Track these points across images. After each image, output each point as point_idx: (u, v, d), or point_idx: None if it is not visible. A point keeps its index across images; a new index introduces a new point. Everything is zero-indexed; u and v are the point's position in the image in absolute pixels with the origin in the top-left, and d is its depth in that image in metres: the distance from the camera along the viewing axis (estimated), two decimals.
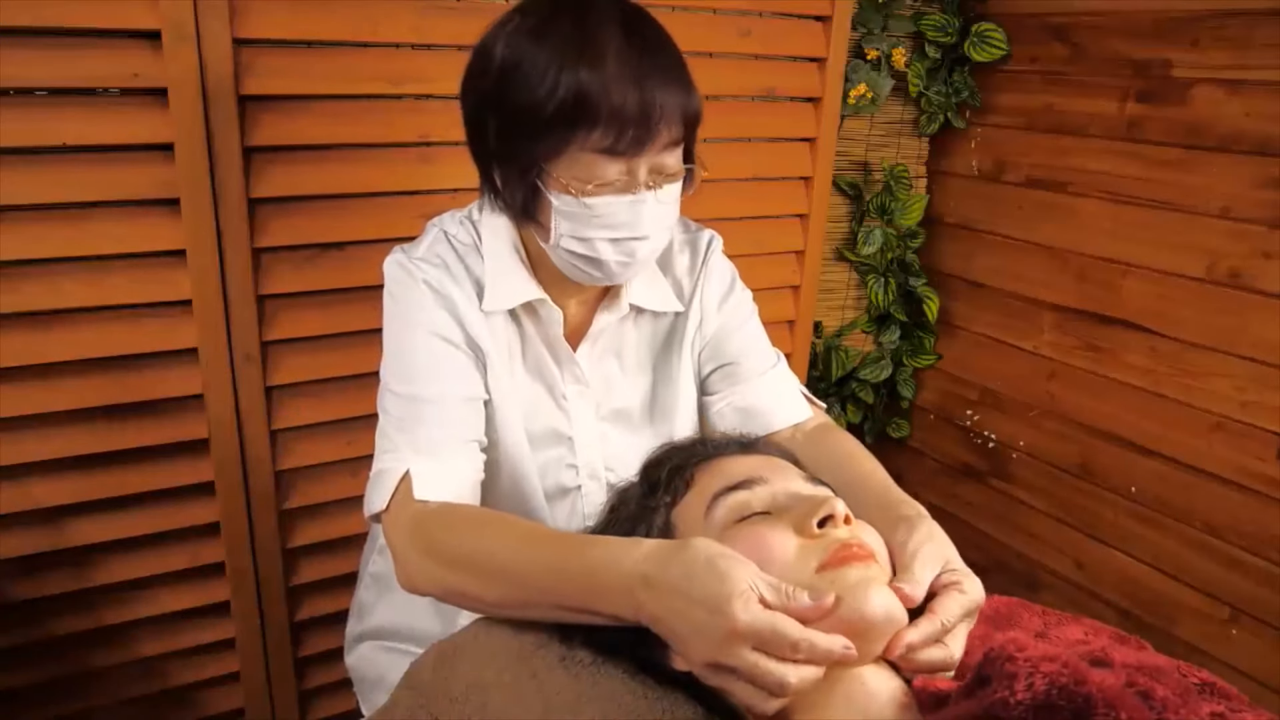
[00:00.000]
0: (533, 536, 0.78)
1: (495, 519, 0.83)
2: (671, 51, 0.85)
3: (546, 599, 0.73)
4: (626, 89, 0.79)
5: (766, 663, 0.59)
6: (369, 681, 1.13)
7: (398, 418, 0.90)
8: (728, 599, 0.60)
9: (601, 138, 0.80)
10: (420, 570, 0.82)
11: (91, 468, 1.29)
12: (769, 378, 1.07)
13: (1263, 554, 1.60)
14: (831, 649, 0.60)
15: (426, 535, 0.82)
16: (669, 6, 1.52)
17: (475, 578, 0.78)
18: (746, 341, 1.08)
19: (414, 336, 0.92)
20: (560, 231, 0.87)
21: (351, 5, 1.27)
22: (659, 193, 0.86)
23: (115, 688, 1.41)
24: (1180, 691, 0.61)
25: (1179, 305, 1.68)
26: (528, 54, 0.81)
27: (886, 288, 2.06)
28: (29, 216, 1.19)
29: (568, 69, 0.79)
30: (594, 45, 0.79)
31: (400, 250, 0.96)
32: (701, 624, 0.61)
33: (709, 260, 1.06)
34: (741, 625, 0.59)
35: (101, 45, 1.17)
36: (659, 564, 0.65)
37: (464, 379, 0.92)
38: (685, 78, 0.85)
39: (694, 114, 0.86)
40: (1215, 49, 1.58)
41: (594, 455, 1.02)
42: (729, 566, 0.62)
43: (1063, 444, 1.92)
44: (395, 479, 0.86)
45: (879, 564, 0.67)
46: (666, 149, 0.84)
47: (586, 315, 1.00)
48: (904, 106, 2.02)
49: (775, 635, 0.59)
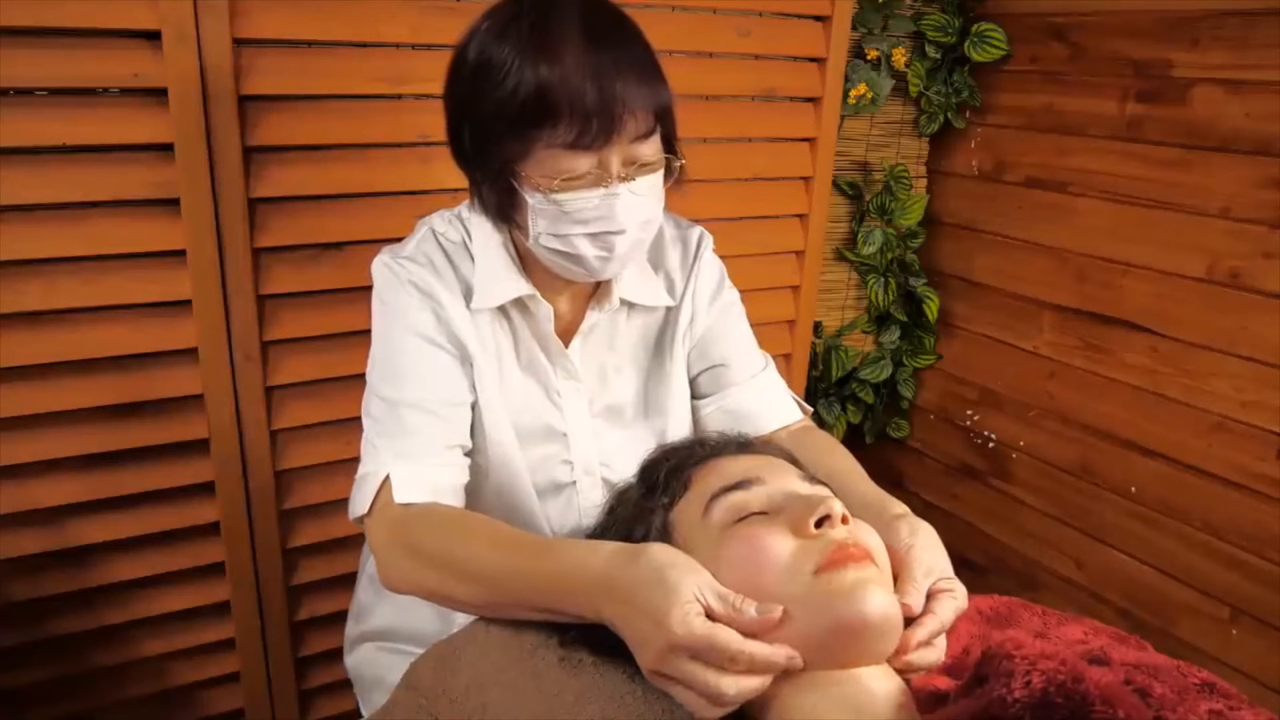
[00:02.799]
0: (502, 540, 0.81)
1: (470, 521, 0.86)
2: (635, 44, 0.85)
3: (515, 600, 0.77)
4: (585, 82, 0.79)
5: (704, 673, 0.61)
6: (369, 682, 1.13)
7: (381, 422, 0.92)
8: (667, 612, 0.62)
9: (566, 132, 0.81)
10: (398, 570, 0.86)
11: (91, 468, 1.29)
12: (759, 381, 1.08)
13: (1263, 554, 1.60)
14: (773, 659, 0.62)
15: (404, 536, 0.85)
16: (669, 6, 1.52)
17: (449, 578, 0.81)
18: (735, 344, 1.09)
19: (399, 339, 0.93)
20: (538, 230, 0.87)
21: (351, 5, 1.27)
22: (633, 184, 0.86)
23: (115, 688, 1.41)
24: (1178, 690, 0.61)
25: (1179, 305, 1.68)
26: (493, 55, 0.82)
27: (886, 288, 2.06)
28: (29, 216, 1.19)
29: (528, 67, 0.80)
30: (553, 42, 0.80)
31: (387, 251, 0.96)
32: (645, 634, 0.64)
33: (701, 257, 1.07)
34: (678, 638, 0.61)
35: (101, 45, 1.17)
36: (616, 570, 0.68)
37: (447, 383, 0.93)
38: (650, 69, 0.85)
39: (663, 105, 0.86)
40: (1215, 49, 1.58)
41: (588, 451, 1.03)
42: (677, 578, 0.63)
43: (1062, 444, 1.92)
44: (377, 483, 0.88)
45: (876, 565, 0.67)
46: (637, 140, 0.84)
47: (578, 311, 1.01)
48: (904, 106, 2.02)
49: (711, 649, 0.61)
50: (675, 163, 0.90)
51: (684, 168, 0.92)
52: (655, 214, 0.91)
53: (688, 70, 1.57)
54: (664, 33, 1.51)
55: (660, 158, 0.88)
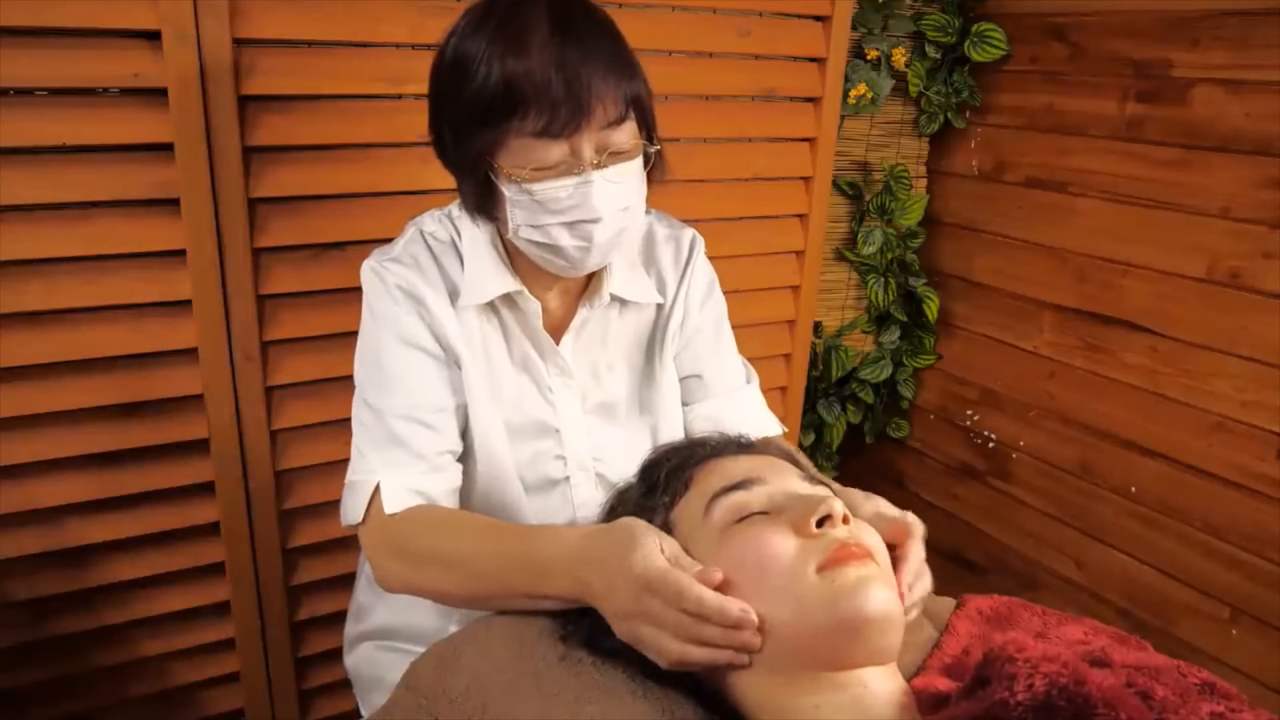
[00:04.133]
0: (488, 531, 0.86)
1: (458, 517, 0.90)
2: (602, 34, 0.86)
3: (502, 586, 0.80)
4: (551, 71, 0.81)
5: (667, 611, 0.66)
6: (368, 682, 1.13)
7: (370, 430, 0.93)
8: (630, 553, 0.68)
9: (535, 121, 0.82)
10: (389, 571, 0.90)
11: (92, 468, 1.29)
12: (741, 395, 1.11)
13: (1263, 554, 1.60)
14: (725, 608, 0.64)
15: (394, 538, 0.89)
16: (669, 6, 1.52)
17: (439, 572, 0.85)
18: (719, 356, 1.11)
19: (386, 346, 0.94)
20: (516, 222, 0.88)
21: (351, 5, 1.27)
22: (607, 172, 0.86)
23: (115, 688, 1.41)
24: (1180, 691, 0.61)
25: (1179, 305, 1.68)
26: (466, 51, 0.84)
27: (886, 288, 2.06)
28: (29, 216, 1.19)
29: (495, 59, 0.82)
30: (522, 35, 0.82)
31: (375, 254, 0.97)
32: (612, 581, 0.70)
33: (694, 259, 1.08)
34: (638, 573, 0.67)
35: (101, 45, 1.17)
36: (590, 538, 0.74)
37: (435, 390, 0.94)
38: (620, 57, 0.86)
39: (633, 92, 0.86)
40: (1215, 49, 1.58)
41: (581, 447, 1.03)
42: (643, 531, 0.70)
43: (1062, 444, 1.92)
44: (368, 492, 0.91)
45: (877, 563, 0.67)
46: (609, 127, 0.85)
47: (569, 308, 1.01)
48: (904, 106, 2.02)
49: (665, 582, 0.66)
50: (651, 149, 0.90)
51: (665, 157, 0.92)
52: (634, 202, 0.90)
53: (688, 70, 1.57)
54: (664, 33, 1.52)
55: (636, 144, 0.88)
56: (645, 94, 0.88)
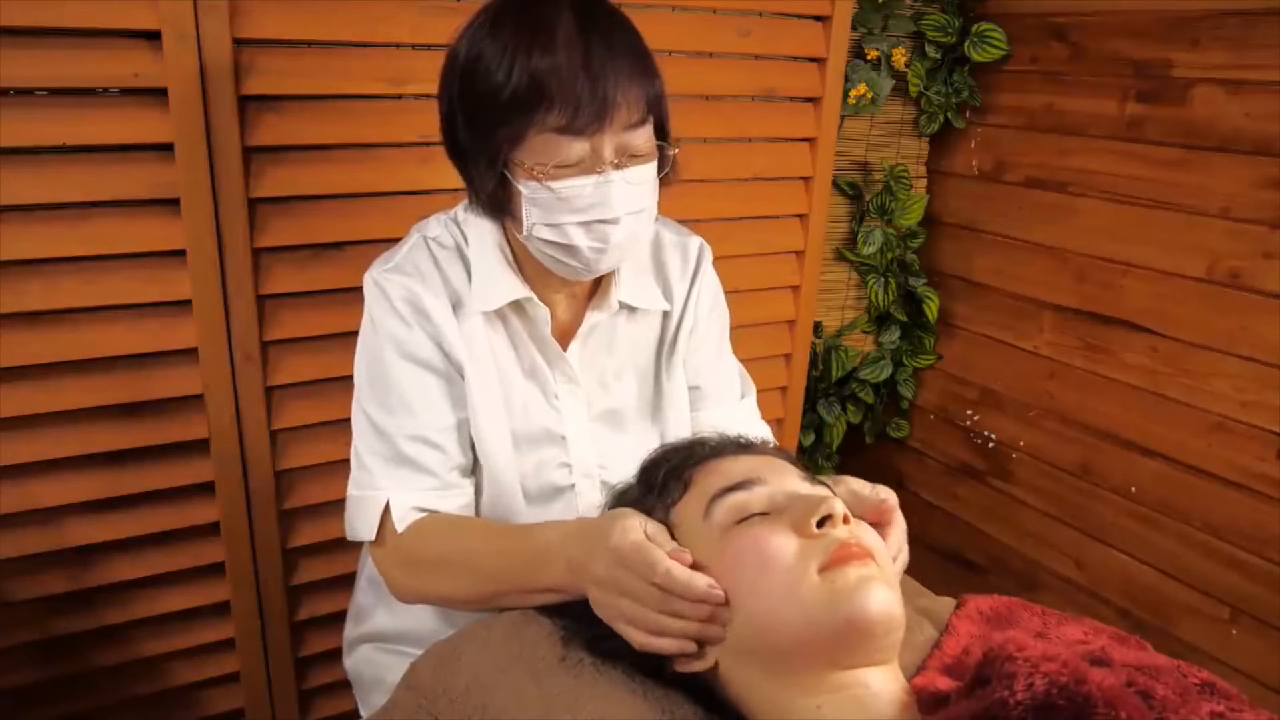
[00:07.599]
0: (488, 531, 0.89)
1: (460, 522, 0.92)
2: (626, 33, 0.86)
3: (505, 583, 0.83)
4: (577, 68, 0.81)
5: (641, 584, 0.68)
6: (368, 683, 1.13)
7: (374, 446, 0.94)
8: (611, 528, 0.71)
9: (558, 117, 0.82)
10: (403, 585, 0.93)
11: (91, 468, 1.29)
12: (738, 408, 1.12)
13: (1263, 554, 1.60)
14: (692, 583, 0.66)
15: (403, 550, 0.91)
16: (669, 6, 1.52)
17: (447, 578, 0.88)
18: (719, 368, 1.11)
19: (391, 363, 0.93)
20: (532, 220, 0.87)
21: (351, 5, 1.27)
22: (627, 173, 0.86)
23: (115, 688, 1.41)
24: (1180, 691, 0.61)
25: (1179, 305, 1.68)
26: (485, 48, 0.84)
27: (886, 288, 2.06)
28: (29, 216, 1.19)
29: (521, 55, 0.81)
30: (546, 31, 0.82)
31: (377, 263, 0.97)
32: (593, 550, 0.72)
33: (702, 267, 1.08)
34: (614, 544, 0.70)
35: (101, 45, 1.17)
36: (582, 524, 0.78)
37: (441, 409, 0.94)
38: (642, 58, 0.86)
39: (654, 94, 0.87)
40: (1215, 49, 1.58)
41: (587, 454, 1.03)
42: (628, 513, 0.73)
43: (1062, 444, 1.92)
44: (378, 509, 0.91)
45: (877, 563, 0.67)
46: (630, 129, 0.85)
47: (576, 314, 1.01)
48: (904, 106, 2.02)
49: (638, 552, 0.69)
50: (669, 151, 0.90)
51: (677, 160, 0.92)
52: (649, 205, 0.91)
53: (688, 70, 1.57)
54: (664, 33, 1.52)
55: (653, 148, 0.89)
56: (664, 96, 0.89)
